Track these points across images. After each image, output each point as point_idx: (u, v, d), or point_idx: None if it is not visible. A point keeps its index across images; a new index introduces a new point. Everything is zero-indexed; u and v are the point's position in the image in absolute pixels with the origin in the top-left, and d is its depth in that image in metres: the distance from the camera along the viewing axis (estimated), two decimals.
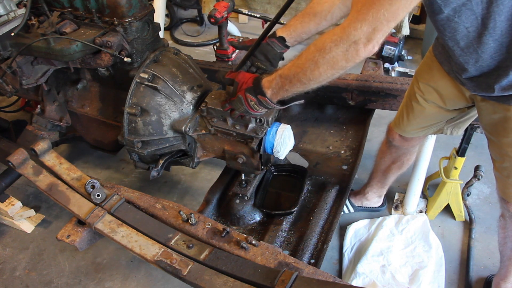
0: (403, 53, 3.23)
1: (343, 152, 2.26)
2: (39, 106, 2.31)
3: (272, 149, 1.71)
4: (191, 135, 1.83)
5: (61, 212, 2.51)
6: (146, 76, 1.79)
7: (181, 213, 1.52)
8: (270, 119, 1.70)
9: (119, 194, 1.62)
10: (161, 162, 1.90)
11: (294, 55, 1.29)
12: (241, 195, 1.89)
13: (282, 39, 1.59)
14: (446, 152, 2.32)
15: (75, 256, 2.27)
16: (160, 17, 3.29)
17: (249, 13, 3.79)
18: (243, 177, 1.90)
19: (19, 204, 2.32)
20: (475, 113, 1.66)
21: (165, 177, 2.69)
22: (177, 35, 4.24)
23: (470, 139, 2.03)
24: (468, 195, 2.29)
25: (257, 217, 1.92)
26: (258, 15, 3.73)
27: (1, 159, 2.23)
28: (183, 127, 1.80)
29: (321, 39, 1.15)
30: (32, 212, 2.38)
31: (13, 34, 1.85)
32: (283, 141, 1.70)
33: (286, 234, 1.85)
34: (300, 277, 1.22)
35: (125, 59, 1.84)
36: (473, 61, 1.28)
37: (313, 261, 1.71)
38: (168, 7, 3.97)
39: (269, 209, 1.93)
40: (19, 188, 2.65)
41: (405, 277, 2.00)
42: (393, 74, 3.21)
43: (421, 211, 2.34)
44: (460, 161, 2.15)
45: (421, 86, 1.64)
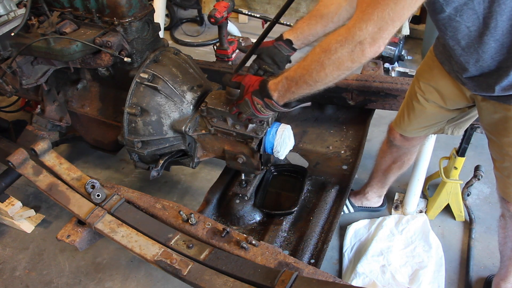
0: (403, 53, 3.23)
1: (343, 152, 2.26)
2: (39, 106, 2.31)
3: (272, 149, 1.71)
4: (191, 135, 1.83)
5: (61, 212, 2.51)
6: (146, 76, 1.79)
7: (181, 213, 1.52)
8: (270, 119, 1.70)
9: (119, 194, 1.62)
10: (161, 162, 1.90)
11: (300, 57, 1.28)
12: (241, 195, 1.89)
13: (289, 42, 1.58)
14: (446, 152, 2.32)
15: (75, 256, 2.27)
16: (160, 17, 3.29)
17: (249, 13, 3.79)
18: (243, 177, 1.90)
19: (19, 204, 2.32)
20: (475, 113, 1.66)
21: (165, 177, 2.69)
22: (177, 35, 4.24)
23: (470, 139, 2.04)
24: (468, 195, 2.29)
25: (257, 217, 1.92)
26: (258, 15, 3.73)
27: (1, 159, 2.23)
28: (183, 127, 1.80)
29: (326, 40, 1.14)
30: (32, 212, 2.38)
31: (13, 34, 1.85)
32: (283, 141, 1.70)
33: (286, 234, 1.85)
34: (300, 277, 1.22)
35: (125, 59, 1.84)
36: (473, 61, 1.28)
37: (313, 261, 1.71)
38: (168, 7, 3.97)
39: (269, 209, 1.93)
40: (19, 188, 2.65)
41: (405, 277, 2.00)
42: (393, 74, 3.21)
43: (421, 211, 2.34)
44: (460, 161, 2.15)
45: (422, 85, 1.64)
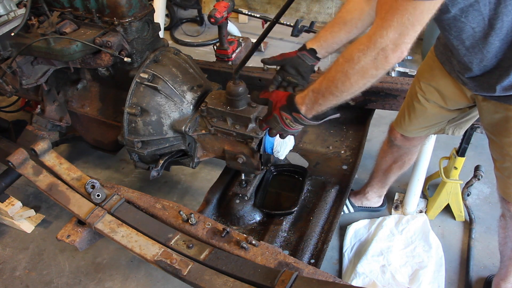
0: None
1: (343, 152, 2.26)
2: (39, 106, 2.31)
3: (272, 149, 1.71)
4: (191, 135, 1.83)
5: (61, 212, 2.51)
6: (146, 76, 1.79)
7: (181, 213, 1.51)
8: None
9: (119, 194, 1.61)
10: (161, 162, 1.90)
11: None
12: (241, 195, 1.89)
13: (313, 51, 1.56)
14: (446, 152, 2.32)
15: (75, 256, 2.27)
16: (160, 17, 3.29)
17: (249, 13, 3.79)
18: (243, 177, 1.90)
19: (19, 204, 2.32)
20: (476, 113, 1.66)
21: (165, 177, 2.69)
22: (177, 35, 4.24)
23: (470, 139, 2.04)
24: (468, 195, 2.29)
25: (257, 217, 1.92)
26: (258, 15, 3.73)
27: (1, 159, 2.23)
28: (183, 127, 1.80)
29: (348, 50, 1.14)
30: (32, 212, 2.38)
31: (13, 34, 1.85)
32: (283, 141, 1.70)
33: (286, 234, 1.85)
34: (300, 277, 1.22)
35: (125, 59, 1.84)
36: (477, 61, 1.28)
37: (313, 261, 1.71)
38: (168, 7, 3.97)
39: (269, 209, 1.93)
40: (19, 188, 2.65)
41: (405, 277, 2.00)
42: (393, 74, 3.21)
43: (421, 211, 2.34)
44: (460, 161, 2.15)
45: (423, 86, 1.64)
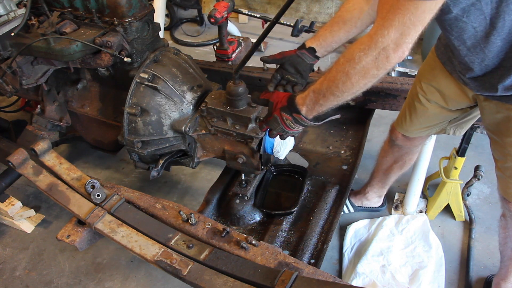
0: None
1: (343, 152, 2.26)
2: (39, 106, 2.31)
3: (272, 149, 1.71)
4: (191, 135, 1.83)
5: (61, 212, 2.51)
6: (146, 76, 1.79)
7: (181, 213, 1.51)
8: None
9: (119, 194, 1.61)
10: (161, 162, 1.90)
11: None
12: (241, 195, 1.89)
13: (312, 50, 1.56)
14: (446, 152, 2.32)
15: (75, 256, 2.27)
16: (160, 17, 3.29)
17: (249, 13, 3.79)
18: (243, 177, 1.90)
19: (19, 204, 2.32)
20: (477, 114, 1.66)
21: (165, 177, 2.69)
22: (177, 35, 4.24)
23: (470, 139, 2.04)
24: (468, 195, 2.29)
25: (257, 217, 1.92)
26: (258, 15, 3.73)
27: (1, 159, 2.23)
28: (183, 127, 1.80)
29: (349, 49, 1.14)
30: (32, 212, 2.38)
31: (13, 34, 1.85)
32: (283, 141, 1.69)
33: (286, 234, 1.85)
34: (300, 277, 1.22)
35: (125, 59, 1.84)
36: (479, 60, 1.28)
37: (313, 261, 1.71)
38: (168, 7, 3.97)
39: (269, 209, 1.93)
40: (19, 188, 2.65)
41: (405, 277, 2.00)
42: (393, 74, 3.21)
43: (421, 211, 2.34)
44: (460, 161, 2.15)
45: (424, 86, 1.64)
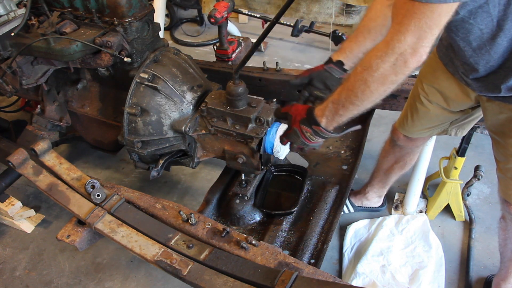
0: None
1: (343, 152, 2.26)
2: (39, 106, 2.31)
3: (272, 149, 1.71)
4: (191, 135, 1.83)
5: (61, 212, 2.51)
6: (146, 76, 1.79)
7: (181, 213, 1.51)
8: (270, 119, 1.70)
9: (119, 194, 1.61)
10: (161, 162, 1.90)
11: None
12: (241, 195, 1.89)
13: (340, 63, 1.55)
14: (446, 152, 2.32)
15: (75, 256, 2.27)
16: (160, 17, 3.29)
17: (249, 13, 3.78)
18: (243, 177, 1.90)
19: (19, 204, 2.32)
20: (479, 114, 1.66)
21: (165, 177, 2.69)
22: (177, 35, 4.24)
23: (470, 139, 2.04)
24: (468, 195, 2.29)
25: (257, 217, 1.92)
26: (258, 15, 3.73)
27: (1, 159, 2.23)
28: (183, 127, 1.80)
29: (366, 58, 1.13)
30: (32, 212, 2.38)
31: (13, 34, 1.85)
32: None
33: (286, 234, 1.85)
34: (300, 277, 1.22)
35: (125, 59, 1.84)
36: (484, 62, 1.27)
37: (313, 261, 1.71)
38: (168, 7, 3.97)
39: (269, 209, 1.93)
40: (19, 188, 2.65)
41: (405, 277, 2.00)
42: None
43: (421, 211, 2.34)
44: (460, 161, 2.15)
45: (425, 87, 1.63)
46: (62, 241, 1.51)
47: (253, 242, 1.41)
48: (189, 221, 1.50)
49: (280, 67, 2.26)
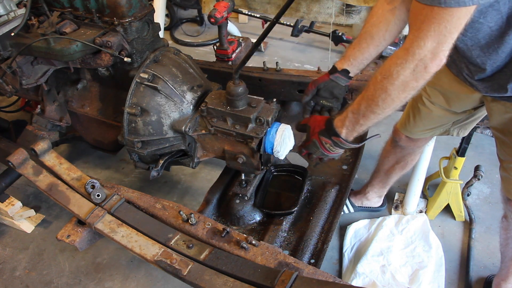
0: None
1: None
2: (39, 106, 2.31)
3: (272, 149, 1.71)
4: (191, 135, 1.83)
5: (61, 212, 2.51)
6: (146, 76, 1.79)
7: (181, 213, 1.51)
8: (270, 119, 1.70)
9: (119, 194, 1.61)
10: (161, 162, 1.90)
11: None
12: (241, 195, 1.89)
13: (345, 72, 1.55)
14: (446, 152, 2.32)
15: (75, 256, 2.27)
16: (160, 17, 3.29)
17: (249, 13, 3.79)
18: (243, 177, 1.90)
19: (19, 204, 2.32)
20: (481, 114, 1.66)
21: (165, 177, 2.69)
22: (177, 35, 4.24)
23: (470, 139, 2.04)
24: (468, 195, 2.29)
25: (257, 217, 1.92)
26: (258, 15, 3.73)
27: (1, 159, 2.23)
28: (183, 127, 1.80)
29: (385, 66, 1.13)
30: (32, 212, 2.38)
31: (13, 34, 1.85)
32: (283, 141, 1.69)
33: (286, 234, 1.85)
34: (300, 277, 1.21)
35: (125, 59, 1.84)
36: (491, 62, 1.27)
37: (313, 261, 1.71)
38: (168, 7, 3.97)
39: (269, 209, 1.93)
40: (19, 188, 2.65)
41: (405, 277, 2.00)
42: None
43: (421, 211, 2.34)
44: (460, 161, 2.15)
45: (428, 89, 1.63)
46: (62, 241, 1.51)
47: (253, 242, 1.41)
48: (189, 221, 1.50)
49: (280, 67, 2.26)
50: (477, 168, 2.14)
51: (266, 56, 3.88)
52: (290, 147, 1.77)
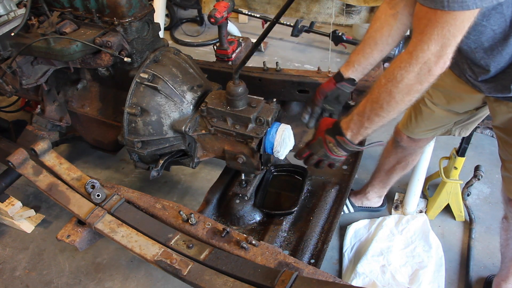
0: None
1: None
2: (39, 106, 2.31)
3: (272, 149, 1.71)
4: (191, 135, 1.83)
5: (61, 212, 2.51)
6: (146, 76, 1.79)
7: (181, 213, 1.51)
8: (270, 119, 1.70)
9: (119, 194, 1.61)
10: (161, 162, 1.90)
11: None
12: (241, 195, 1.88)
13: (351, 80, 1.56)
14: (446, 152, 2.32)
15: (75, 256, 2.27)
16: (160, 17, 3.28)
17: (249, 13, 3.79)
18: (243, 177, 1.90)
19: (19, 204, 2.32)
20: (483, 114, 1.67)
21: (165, 177, 2.69)
22: (177, 35, 4.24)
23: (470, 139, 2.04)
24: (468, 195, 2.29)
25: (257, 217, 1.92)
26: (258, 15, 3.73)
27: (1, 159, 2.23)
28: (183, 127, 1.80)
29: (389, 69, 1.14)
30: (32, 212, 2.38)
31: (13, 34, 1.85)
32: (283, 141, 1.70)
33: (286, 234, 1.85)
34: (300, 277, 1.21)
35: (125, 59, 1.84)
36: (495, 63, 1.27)
37: (313, 261, 1.71)
38: (168, 7, 3.97)
39: (269, 209, 1.93)
40: (19, 188, 2.65)
41: (405, 277, 2.00)
42: None
43: (421, 211, 2.34)
44: (460, 161, 2.15)
45: (430, 89, 1.62)
46: (62, 241, 1.51)
47: (253, 242, 1.41)
48: (189, 221, 1.50)
49: (280, 67, 2.26)
50: (477, 168, 2.14)
51: (266, 56, 3.88)
52: (290, 147, 1.77)
